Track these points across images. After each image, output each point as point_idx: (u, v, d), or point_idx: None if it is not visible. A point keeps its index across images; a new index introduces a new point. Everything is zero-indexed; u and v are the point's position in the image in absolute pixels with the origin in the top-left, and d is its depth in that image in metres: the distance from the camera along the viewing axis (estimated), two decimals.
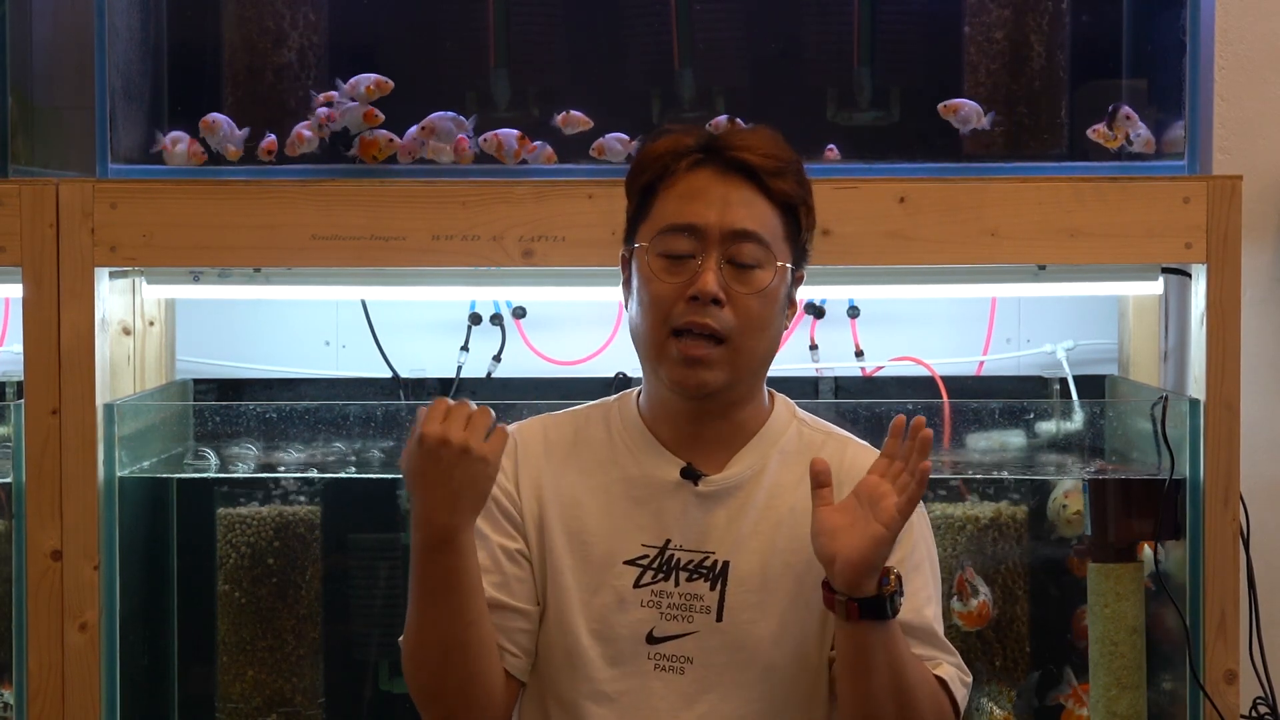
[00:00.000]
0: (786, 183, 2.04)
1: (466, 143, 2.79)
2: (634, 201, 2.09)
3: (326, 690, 3.09)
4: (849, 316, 3.23)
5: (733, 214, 2.01)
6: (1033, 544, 3.06)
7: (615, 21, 3.00)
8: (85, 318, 2.69)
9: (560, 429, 2.14)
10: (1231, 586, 2.67)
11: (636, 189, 2.08)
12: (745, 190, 2.02)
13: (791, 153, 2.07)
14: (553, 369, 3.25)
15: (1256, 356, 3.07)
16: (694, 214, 2.01)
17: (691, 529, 2.05)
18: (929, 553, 2.11)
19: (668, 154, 2.05)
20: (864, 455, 2.09)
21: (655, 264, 2.02)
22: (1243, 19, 3.15)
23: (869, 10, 2.94)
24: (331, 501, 3.09)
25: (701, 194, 2.02)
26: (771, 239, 2.02)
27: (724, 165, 2.03)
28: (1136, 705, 2.85)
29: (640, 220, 2.06)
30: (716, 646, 2.03)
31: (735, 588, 2.03)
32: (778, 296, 2.04)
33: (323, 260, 2.71)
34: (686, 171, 2.04)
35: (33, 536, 2.69)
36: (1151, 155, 2.85)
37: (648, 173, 2.06)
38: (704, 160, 2.04)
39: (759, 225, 2.02)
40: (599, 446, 2.11)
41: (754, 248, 2.01)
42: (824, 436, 2.13)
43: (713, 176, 2.03)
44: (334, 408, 2.94)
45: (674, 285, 2.00)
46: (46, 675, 2.70)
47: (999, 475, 2.95)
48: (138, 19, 2.92)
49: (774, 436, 2.10)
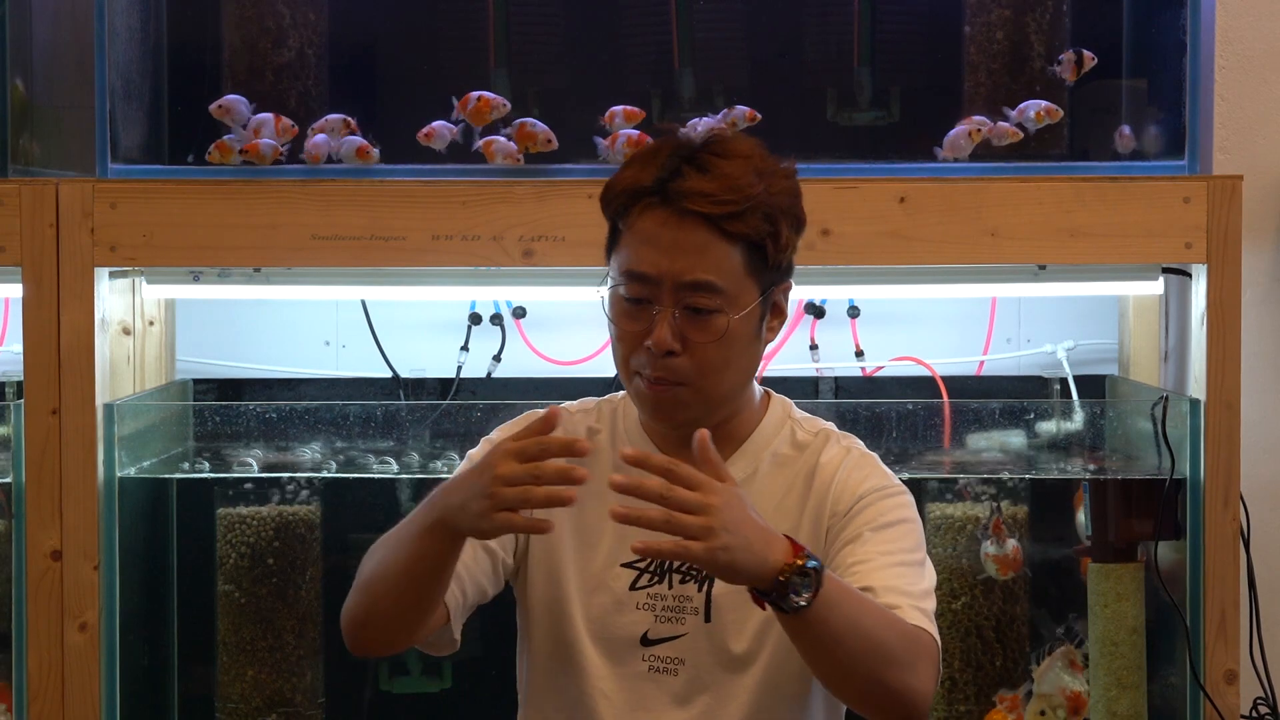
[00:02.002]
0: (746, 223, 1.95)
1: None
2: (609, 225, 2.05)
3: (326, 690, 3.09)
4: (849, 316, 3.22)
5: (684, 263, 1.95)
6: (1033, 544, 3.05)
7: (615, 21, 3.00)
8: (85, 318, 2.69)
9: (575, 425, 2.13)
10: (1231, 586, 2.67)
11: (607, 216, 2.04)
12: (699, 234, 1.95)
13: (755, 185, 1.95)
14: (553, 369, 3.25)
15: (1256, 356, 3.07)
16: (648, 262, 1.96)
17: None
18: (903, 520, 2.03)
19: (625, 193, 1.99)
20: (837, 452, 2.07)
21: (617, 307, 2.00)
22: (1243, 19, 3.15)
23: (869, 10, 2.94)
24: (331, 501, 3.09)
25: (654, 240, 1.96)
26: (729, 282, 1.96)
27: (678, 212, 1.95)
28: (1136, 705, 2.85)
29: (612, 249, 2.03)
30: (705, 648, 2.03)
31: (721, 588, 2.03)
32: (740, 335, 1.99)
33: (323, 260, 2.71)
34: (641, 215, 1.97)
35: (33, 536, 2.69)
36: (1151, 155, 2.86)
37: (610, 208, 2.02)
38: (659, 204, 1.96)
39: (714, 272, 1.95)
40: (605, 447, 2.11)
41: (707, 296, 1.95)
42: (812, 437, 2.11)
43: (667, 220, 1.95)
44: (334, 408, 2.94)
45: (633, 332, 1.98)
46: (46, 675, 2.70)
47: (999, 475, 2.95)
48: (138, 19, 2.92)
49: (766, 439, 2.09)
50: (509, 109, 2.79)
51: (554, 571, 2.08)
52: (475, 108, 2.79)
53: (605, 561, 2.07)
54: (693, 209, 1.94)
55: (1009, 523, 2.96)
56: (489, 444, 2.10)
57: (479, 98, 2.79)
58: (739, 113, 2.81)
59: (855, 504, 2.03)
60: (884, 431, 2.86)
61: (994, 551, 2.92)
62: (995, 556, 2.92)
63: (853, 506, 2.03)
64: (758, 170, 1.97)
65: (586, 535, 2.08)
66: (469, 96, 2.80)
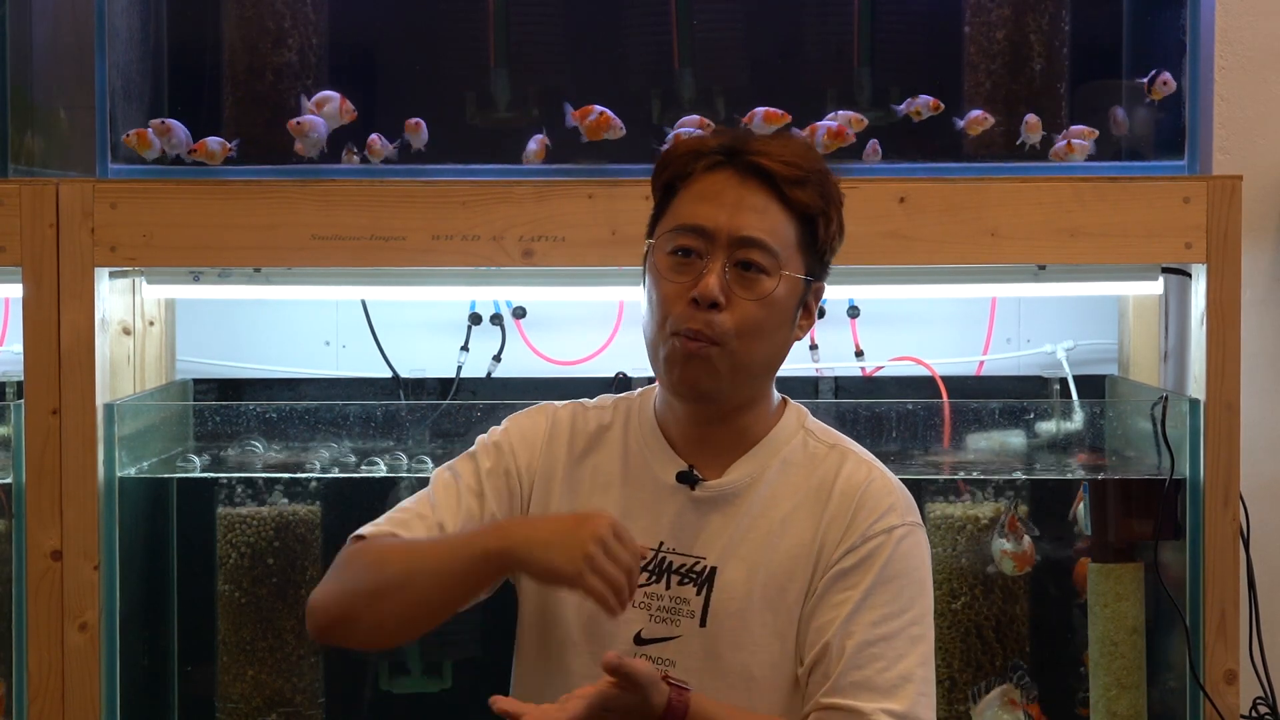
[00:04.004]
0: (806, 193, 2.01)
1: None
2: (656, 198, 2.08)
3: (326, 690, 3.09)
4: (849, 316, 3.23)
5: (742, 219, 1.99)
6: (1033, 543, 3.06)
7: (615, 21, 3.00)
8: (85, 318, 2.69)
9: (587, 422, 2.14)
10: (1231, 586, 2.68)
11: (659, 186, 2.07)
12: (760, 196, 2.00)
13: (819, 163, 2.03)
14: (553, 369, 3.25)
15: (1256, 356, 3.07)
16: (704, 216, 2.00)
17: (685, 533, 2.05)
18: (909, 572, 2.03)
19: (689, 154, 2.04)
20: (860, 471, 2.06)
21: (664, 263, 2.01)
22: (1243, 19, 3.15)
23: (869, 10, 2.94)
24: (331, 501, 3.09)
25: (715, 196, 2.00)
26: (782, 247, 2.00)
27: (743, 169, 2.01)
28: (1136, 705, 2.85)
29: (658, 217, 2.06)
30: (698, 652, 2.03)
31: (720, 594, 2.03)
32: (783, 305, 2.01)
33: (323, 260, 2.71)
34: (704, 172, 2.02)
35: (33, 536, 2.69)
36: (1151, 155, 2.86)
37: (668, 171, 2.05)
38: (723, 162, 2.02)
39: (769, 233, 1.99)
40: (615, 444, 2.11)
41: (760, 254, 1.99)
42: (827, 449, 2.09)
43: (729, 179, 2.01)
44: (334, 408, 2.94)
45: (679, 285, 1.99)
46: (46, 675, 2.70)
47: (999, 476, 2.95)
48: (138, 19, 2.92)
49: (777, 445, 2.09)
50: (624, 133, 2.79)
51: None
52: (594, 123, 2.78)
53: None
54: (761, 164, 1.99)
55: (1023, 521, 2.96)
56: (503, 432, 2.13)
57: (600, 114, 2.78)
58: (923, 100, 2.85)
59: (870, 537, 2.01)
60: (884, 431, 2.86)
61: (1010, 548, 2.92)
62: (1012, 553, 2.92)
63: (868, 539, 2.01)
64: (818, 155, 2.05)
65: None
66: (590, 109, 2.79)
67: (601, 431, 2.12)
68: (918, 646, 1.99)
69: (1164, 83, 2.81)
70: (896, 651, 1.97)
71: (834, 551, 2.02)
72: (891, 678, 1.96)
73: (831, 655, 1.97)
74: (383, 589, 1.96)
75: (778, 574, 2.03)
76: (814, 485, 2.06)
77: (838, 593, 2.00)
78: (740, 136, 2.05)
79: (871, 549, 2.00)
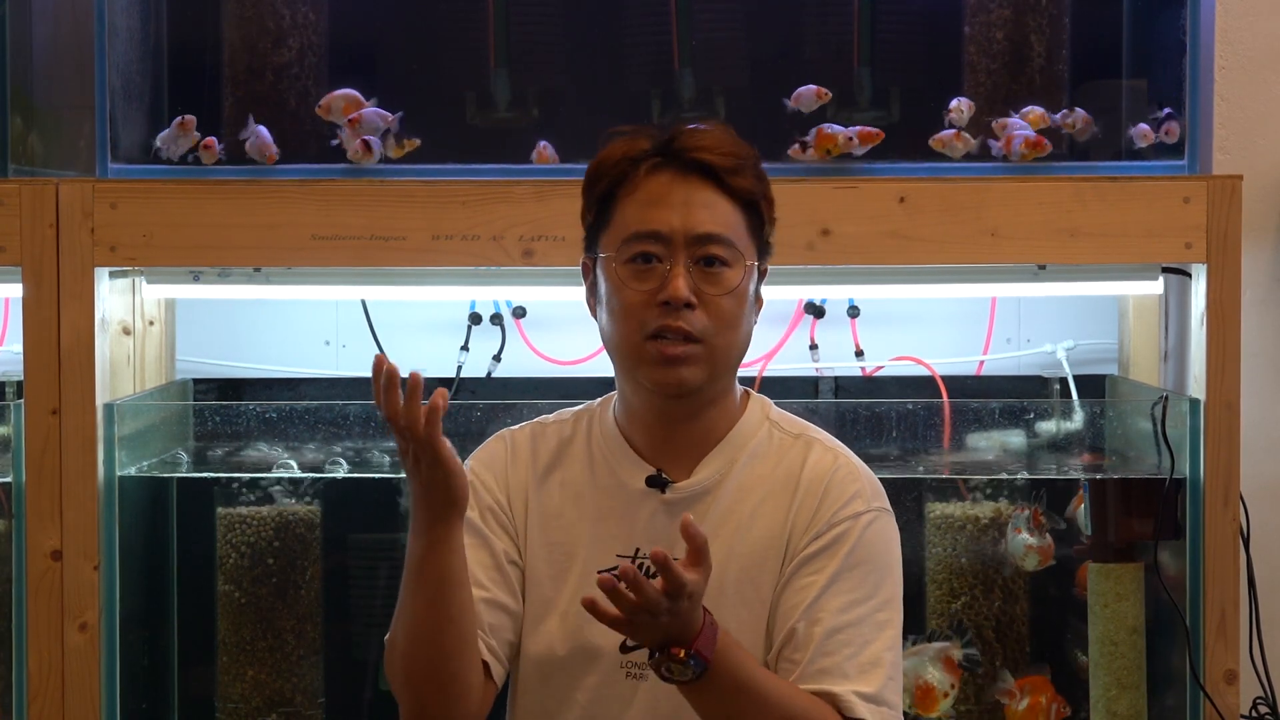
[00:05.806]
0: (745, 179, 2.02)
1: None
2: (593, 210, 2.08)
3: (326, 690, 3.09)
4: (849, 316, 3.22)
5: (695, 216, 2.00)
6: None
7: (615, 21, 3.00)
8: (85, 318, 2.69)
9: (547, 439, 2.14)
10: (1231, 586, 2.68)
11: (595, 197, 2.07)
12: (706, 191, 2.01)
13: (747, 148, 2.05)
14: (553, 369, 3.25)
15: (1256, 356, 3.07)
16: (658, 220, 2.00)
17: (660, 538, 2.03)
18: (873, 558, 2.03)
19: (624, 159, 2.03)
20: (825, 459, 2.07)
21: (623, 272, 2.02)
22: (1243, 19, 3.15)
23: (869, 10, 2.94)
24: (331, 501, 3.09)
25: (663, 199, 2.01)
26: (736, 238, 2.02)
27: (682, 167, 2.01)
28: (1136, 705, 2.85)
29: (601, 228, 2.06)
30: None
31: (712, 603, 2.01)
32: (747, 294, 2.03)
33: (323, 260, 2.71)
34: (645, 176, 2.02)
35: (33, 536, 2.69)
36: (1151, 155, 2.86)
37: (605, 179, 2.05)
38: (662, 163, 2.02)
39: (723, 226, 2.01)
40: (579, 455, 2.11)
41: (720, 248, 2.00)
42: (793, 439, 2.10)
43: (672, 179, 2.01)
44: (334, 408, 2.94)
45: (644, 293, 2.00)
46: (46, 675, 2.70)
47: (999, 476, 2.95)
48: (138, 19, 2.92)
49: (743, 439, 2.09)
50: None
51: (533, 582, 2.09)
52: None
53: (583, 571, 2.06)
54: (701, 159, 2.00)
55: (1009, 523, 2.96)
56: (470, 474, 2.11)
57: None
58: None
59: (835, 523, 2.02)
60: (884, 431, 2.86)
61: (1036, 542, 2.92)
62: (1038, 547, 2.92)
63: (833, 525, 2.02)
64: (742, 139, 2.07)
65: (563, 545, 2.08)
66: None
67: (564, 446, 2.13)
68: (885, 631, 2.00)
69: (1167, 132, 2.82)
70: (864, 637, 1.98)
71: (801, 539, 2.02)
72: (860, 663, 1.97)
73: (798, 640, 1.98)
74: (413, 662, 1.96)
75: (749, 567, 2.03)
76: (781, 476, 2.06)
77: (803, 577, 2.00)
78: (669, 134, 2.05)
79: (837, 534, 2.01)
